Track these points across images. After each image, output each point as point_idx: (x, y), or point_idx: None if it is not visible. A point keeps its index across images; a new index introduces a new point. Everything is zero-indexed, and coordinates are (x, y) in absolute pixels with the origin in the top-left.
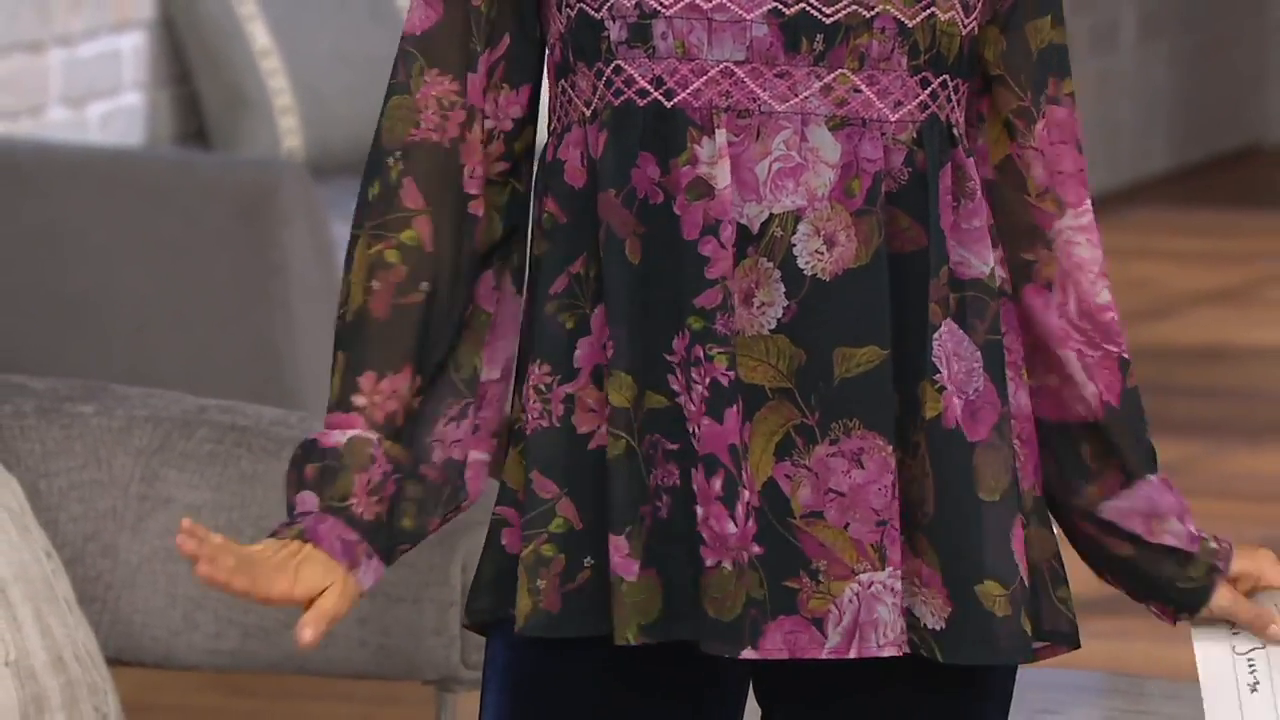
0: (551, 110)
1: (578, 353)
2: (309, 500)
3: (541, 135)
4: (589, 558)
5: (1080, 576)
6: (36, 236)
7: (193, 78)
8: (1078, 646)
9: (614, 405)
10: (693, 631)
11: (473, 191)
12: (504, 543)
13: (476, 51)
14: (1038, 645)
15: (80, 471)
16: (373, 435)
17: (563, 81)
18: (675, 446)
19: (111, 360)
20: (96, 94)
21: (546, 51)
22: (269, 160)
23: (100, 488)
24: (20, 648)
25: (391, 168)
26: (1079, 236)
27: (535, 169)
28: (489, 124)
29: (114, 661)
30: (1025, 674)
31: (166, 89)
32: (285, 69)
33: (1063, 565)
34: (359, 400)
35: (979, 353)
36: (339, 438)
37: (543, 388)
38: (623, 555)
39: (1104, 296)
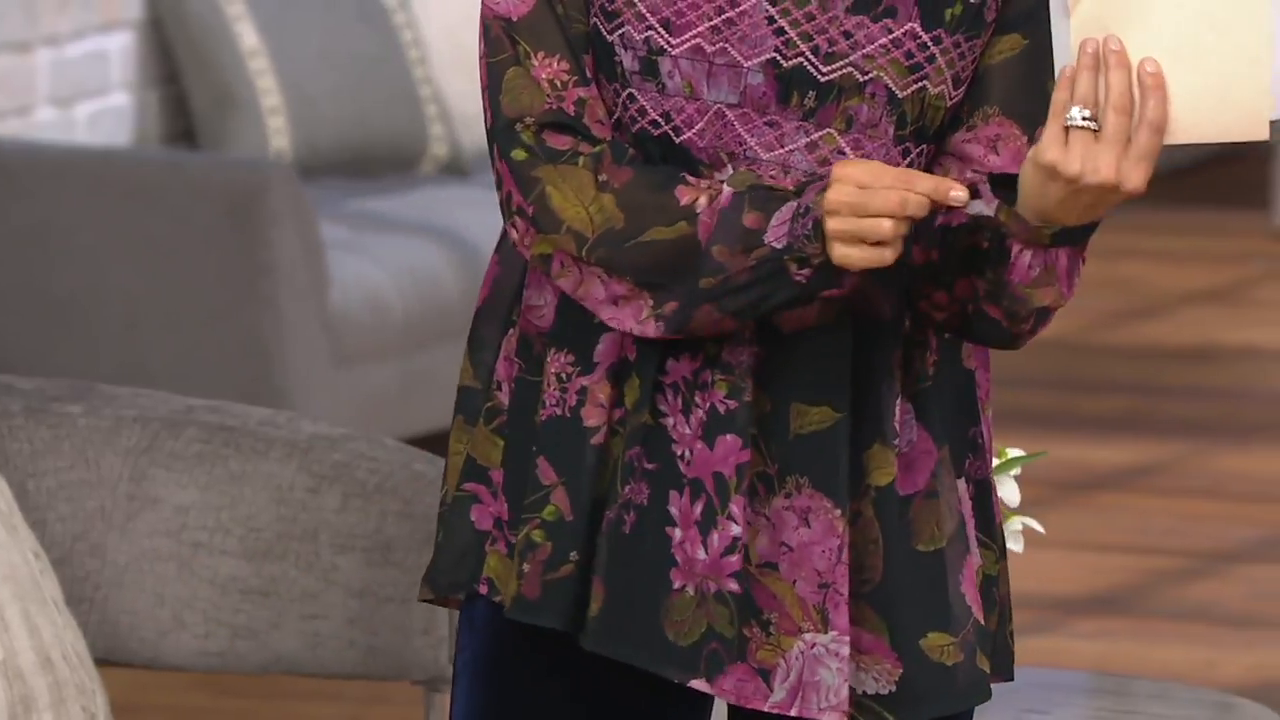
0: None
1: (600, 347)
2: (780, 215)
3: None
4: (574, 551)
5: (1068, 577)
6: (25, 236)
7: (180, 78)
8: (1011, 679)
9: (625, 406)
10: (631, 654)
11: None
12: (473, 518)
13: (580, 32)
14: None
15: (68, 471)
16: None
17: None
18: (653, 466)
19: (100, 360)
20: (84, 94)
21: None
22: (257, 160)
23: (88, 488)
24: (8, 648)
25: (522, 131)
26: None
27: None
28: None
29: (102, 662)
30: (1015, 673)
31: (154, 89)
32: (273, 69)
33: (1010, 598)
34: (688, 193)
35: (909, 404)
36: (721, 182)
37: (564, 376)
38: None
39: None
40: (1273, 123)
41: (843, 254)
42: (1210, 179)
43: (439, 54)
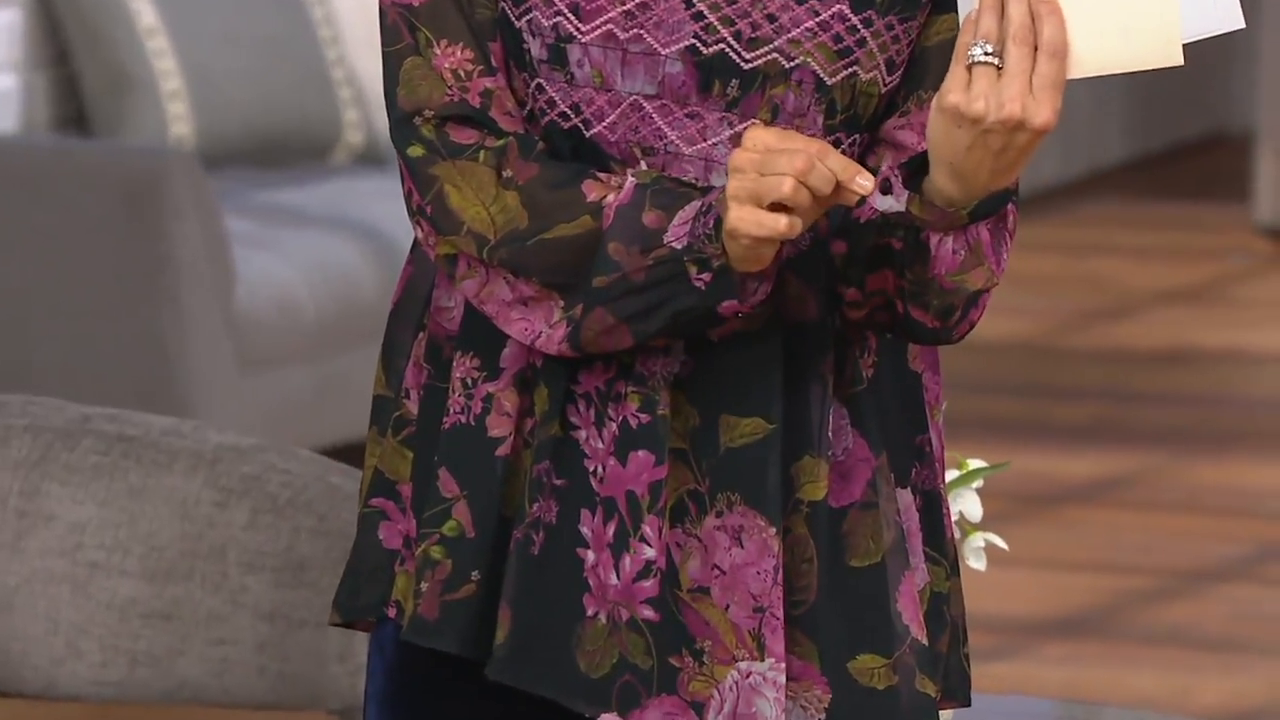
0: None
1: (506, 351)
2: (680, 216)
3: None
4: (476, 571)
5: (1034, 597)
6: None
7: (72, 58)
8: (968, 704)
9: (535, 417)
10: (539, 684)
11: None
12: (380, 537)
13: (487, 18)
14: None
15: None
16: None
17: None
18: (562, 483)
19: None
20: None
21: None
22: (156, 148)
23: None
24: None
25: (421, 125)
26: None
27: None
28: (512, 99)
29: None
30: (977, 701)
31: (43, 70)
32: (173, 49)
33: (965, 618)
34: (596, 189)
35: (844, 409)
36: (629, 179)
37: (469, 382)
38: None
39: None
40: (1185, 46)
41: (736, 216)
42: (1187, 169)
43: (353, 32)
